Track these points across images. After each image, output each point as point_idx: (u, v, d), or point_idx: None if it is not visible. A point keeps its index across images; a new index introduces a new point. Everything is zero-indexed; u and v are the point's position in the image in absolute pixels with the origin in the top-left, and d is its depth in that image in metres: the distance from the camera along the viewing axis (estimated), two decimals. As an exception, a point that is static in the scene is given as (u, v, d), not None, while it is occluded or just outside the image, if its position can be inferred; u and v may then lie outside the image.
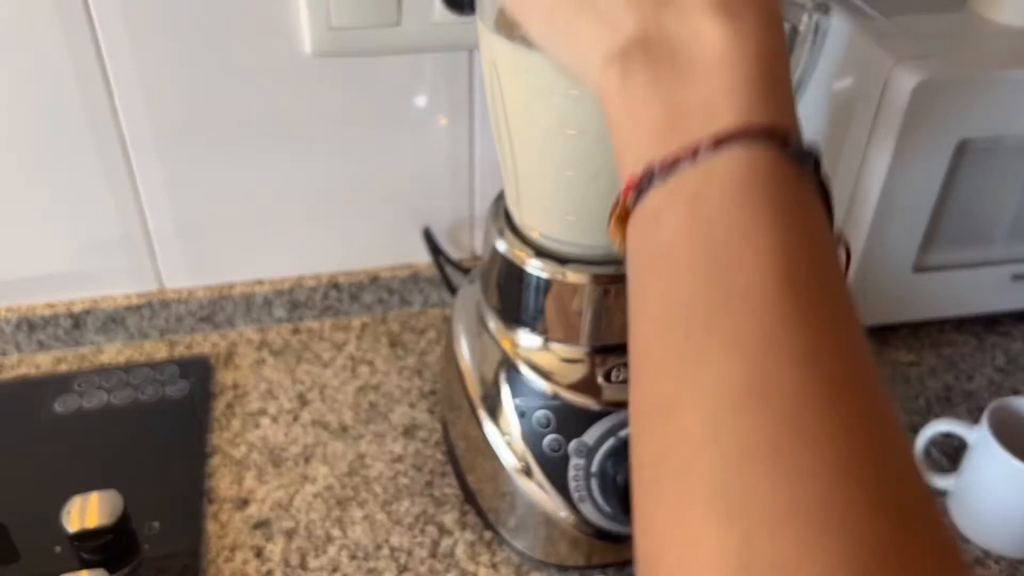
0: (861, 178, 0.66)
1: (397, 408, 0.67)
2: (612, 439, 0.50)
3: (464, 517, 0.58)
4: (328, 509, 0.59)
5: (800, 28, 0.45)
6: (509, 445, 0.52)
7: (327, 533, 0.57)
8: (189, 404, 0.66)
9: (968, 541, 0.58)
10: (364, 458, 0.63)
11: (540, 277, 0.50)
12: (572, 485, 0.51)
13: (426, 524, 0.58)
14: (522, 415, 0.51)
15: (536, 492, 0.52)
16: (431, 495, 0.60)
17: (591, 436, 0.50)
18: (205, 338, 0.73)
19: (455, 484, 0.60)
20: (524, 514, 0.53)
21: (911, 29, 0.62)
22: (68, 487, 0.55)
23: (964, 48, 0.62)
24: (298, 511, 0.59)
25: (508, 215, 0.53)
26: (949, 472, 0.60)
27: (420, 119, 0.68)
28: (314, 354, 0.72)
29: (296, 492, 0.60)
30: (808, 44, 0.45)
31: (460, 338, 0.57)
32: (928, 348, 0.74)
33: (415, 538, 0.57)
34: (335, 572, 0.55)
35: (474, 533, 0.57)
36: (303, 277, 0.74)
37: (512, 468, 0.52)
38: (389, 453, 0.63)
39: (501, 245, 0.51)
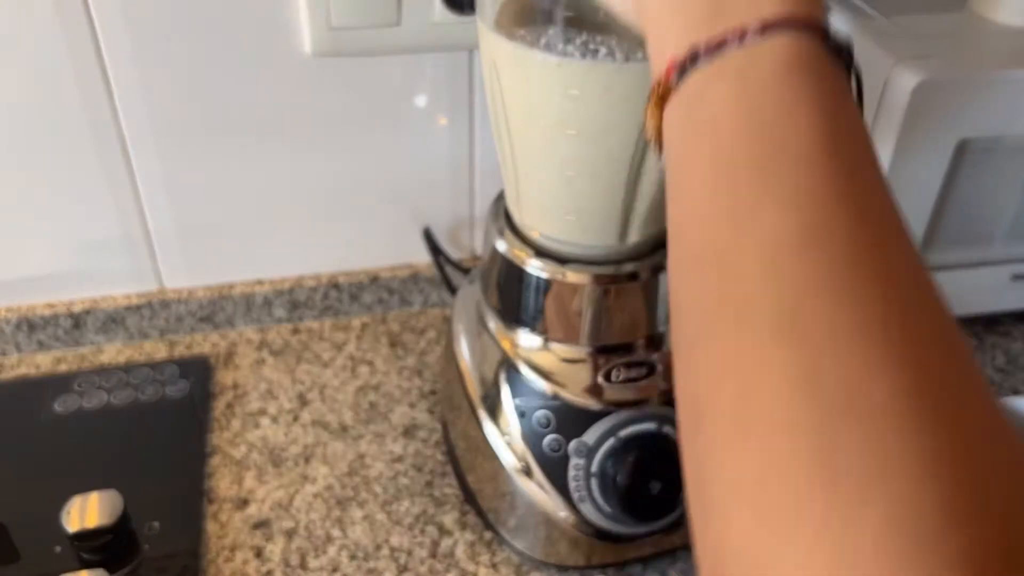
0: (861, 178, 0.66)
1: (397, 408, 0.67)
2: (612, 439, 0.50)
3: (464, 517, 0.58)
4: (328, 509, 0.59)
5: None
6: (509, 445, 0.52)
7: (327, 533, 0.57)
8: (189, 404, 0.66)
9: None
10: (364, 458, 0.63)
11: (540, 277, 0.50)
12: (572, 485, 0.51)
13: (426, 524, 0.58)
14: (522, 415, 0.51)
15: (536, 492, 0.52)
16: (431, 495, 0.60)
17: (591, 436, 0.50)
18: (205, 338, 0.73)
19: (455, 484, 0.60)
20: (524, 514, 0.53)
21: (911, 29, 0.62)
22: (68, 487, 0.55)
23: (964, 48, 0.62)
24: (298, 511, 0.59)
25: (508, 215, 0.53)
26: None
27: (420, 119, 0.68)
28: (314, 354, 0.72)
29: (296, 492, 0.60)
30: None
31: (460, 338, 0.57)
32: (928, 348, 0.74)
33: (415, 538, 0.57)
34: (335, 572, 0.55)
35: (474, 533, 0.57)
36: (303, 277, 0.74)
37: (512, 468, 0.52)
38: (389, 453, 0.63)
39: (501, 245, 0.51)
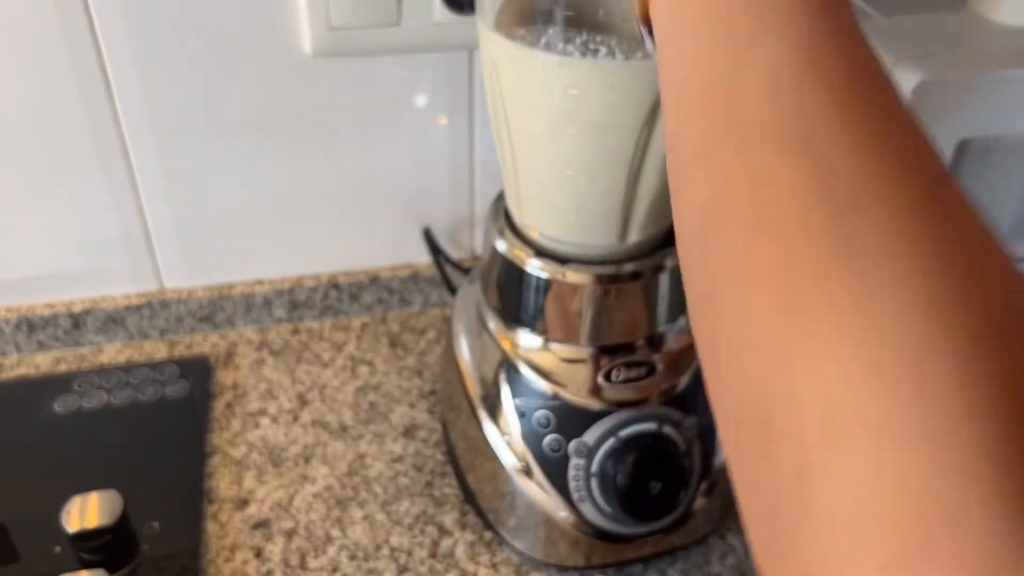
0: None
1: (397, 408, 0.67)
2: (612, 439, 0.50)
3: (464, 517, 0.58)
4: (328, 509, 0.59)
5: None
6: (509, 445, 0.52)
7: (327, 533, 0.57)
8: (189, 404, 0.66)
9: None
10: (364, 458, 0.63)
11: (540, 277, 0.50)
12: (572, 485, 0.51)
13: (426, 524, 0.58)
14: (522, 415, 0.51)
15: (536, 492, 0.52)
16: (431, 495, 0.60)
17: (591, 436, 0.50)
18: (205, 338, 0.73)
19: (455, 484, 0.60)
20: (524, 514, 0.53)
21: (911, 29, 0.62)
22: (68, 487, 0.55)
23: (964, 48, 0.62)
24: (298, 511, 0.59)
25: (508, 215, 0.53)
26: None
27: (420, 119, 0.68)
28: (314, 354, 0.72)
29: (296, 492, 0.60)
30: None
31: (460, 338, 0.57)
32: (928, 348, 0.74)
33: (415, 538, 0.57)
34: (335, 572, 0.55)
35: (474, 533, 0.57)
36: (303, 277, 0.74)
37: (512, 468, 0.52)
38: (389, 453, 0.63)
39: (501, 245, 0.51)
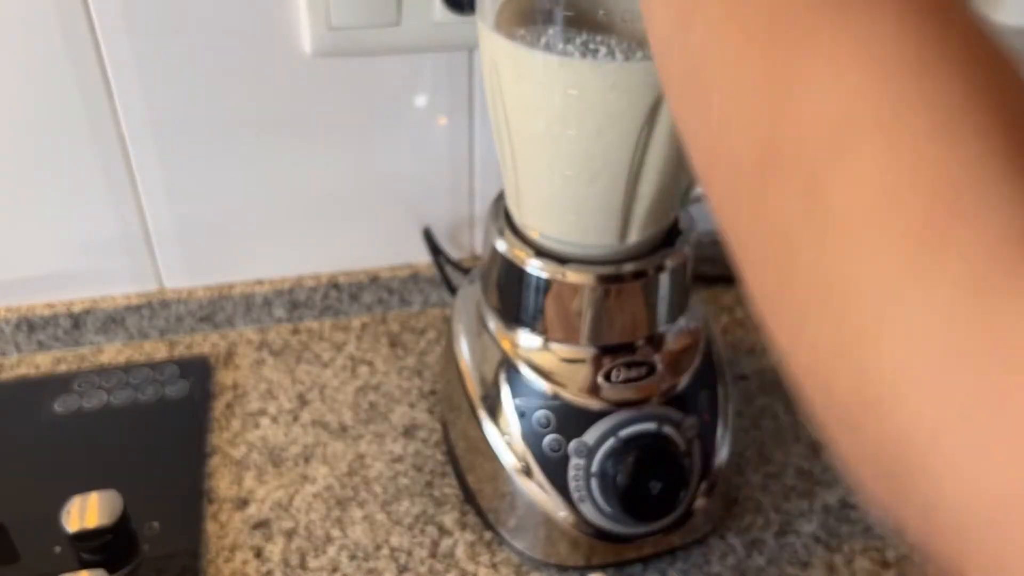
0: (861, 178, 0.66)
1: (397, 408, 0.67)
2: (612, 439, 0.50)
3: (464, 517, 0.58)
4: (328, 509, 0.59)
5: None
6: (509, 445, 0.52)
7: (327, 533, 0.57)
8: (189, 404, 0.66)
9: (968, 541, 0.58)
10: (364, 458, 0.63)
11: (540, 277, 0.50)
12: (572, 485, 0.51)
13: (426, 524, 0.58)
14: (522, 415, 0.51)
15: (536, 492, 0.52)
16: (431, 495, 0.60)
17: (591, 436, 0.50)
18: (205, 338, 0.73)
19: (455, 484, 0.60)
20: (524, 514, 0.53)
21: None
22: (68, 487, 0.55)
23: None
24: (298, 511, 0.59)
25: (508, 215, 0.53)
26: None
27: (420, 119, 0.68)
28: (314, 354, 0.72)
29: (296, 492, 0.60)
30: None
31: (460, 338, 0.57)
32: (928, 348, 0.74)
33: (415, 538, 0.57)
34: (335, 572, 0.55)
35: (474, 533, 0.57)
36: (303, 277, 0.74)
37: (512, 468, 0.52)
38: (389, 453, 0.63)
39: (501, 245, 0.51)
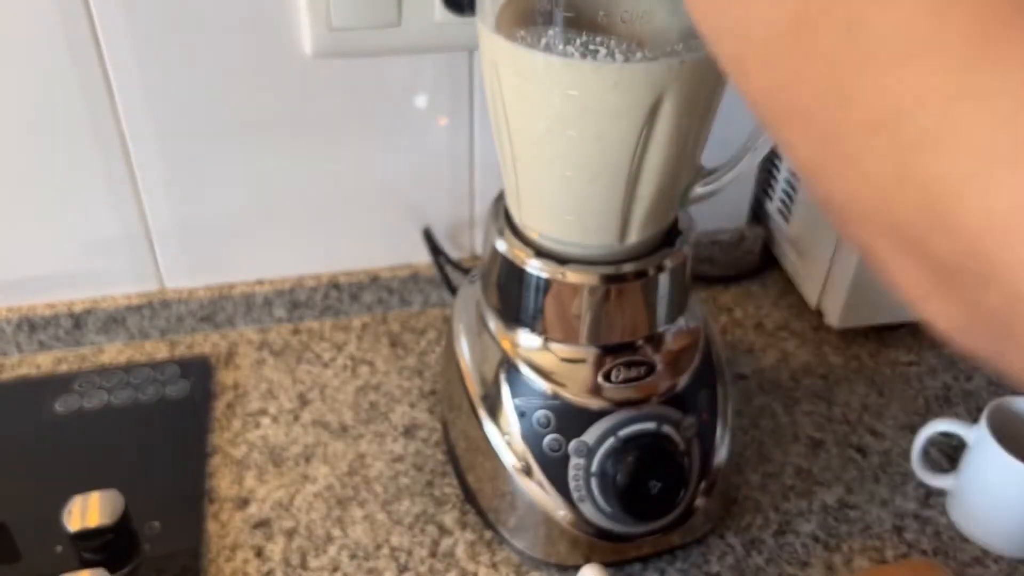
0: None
1: (397, 408, 0.67)
2: (612, 439, 0.50)
3: (464, 517, 0.59)
4: (328, 509, 0.59)
5: None
6: (509, 445, 0.52)
7: (327, 533, 0.57)
8: (190, 404, 0.66)
9: (967, 540, 0.58)
10: (364, 458, 0.63)
11: (540, 277, 0.50)
12: (572, 485, 0.51)
13: (426, 524, 0.58)
14: (522, 415, 0.52)
15: (536, 491, 0.52)
16: (431, 495, 0.60)
17: (591, 436, 0.51)
18: (206, 338, 0.73)
19: (455, 484, 0.60)
20: (524, 514, 0.53)
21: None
22: (69, 487, 0.55)
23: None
24: (298, 511, 0.59)
25: (508, 215, 0.53)
26: (948, 471, 0.60)
27: (420, 119, 0.68)
28: (314, 354, 0.72)
29: (296, 492, 0.60)
30: None
31: (460, 338, 0.57)
32: (927, 348, 0.74)
33: (415, 538, 0.57)
34: (335, 572, 0.55)
35: (474, 532, 0.58)
36: (303, 277, 0.74)
37: (512, 468, 0.52)
38: (389, 453, 0.63)
39: (501, 245, 0.52)
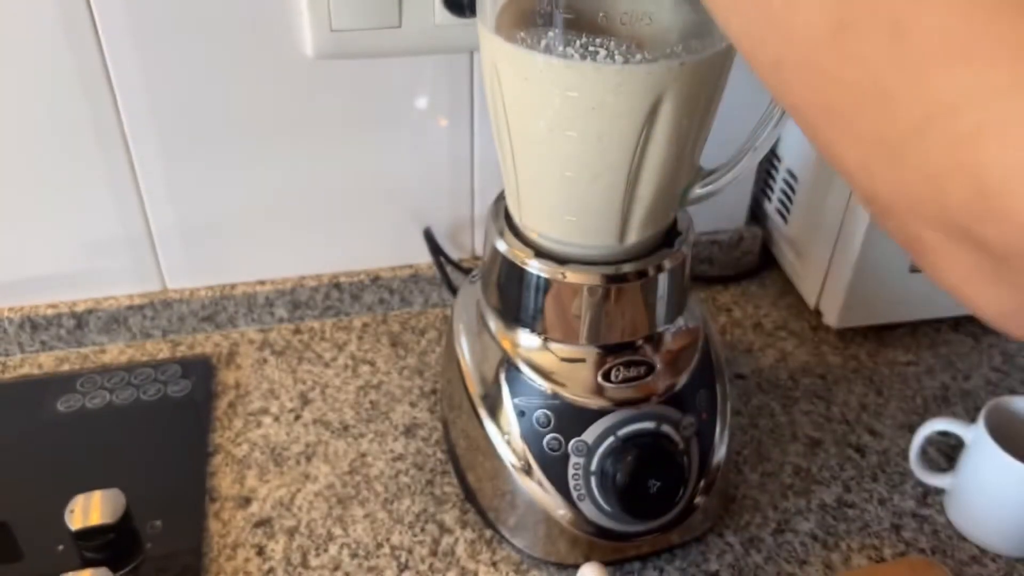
0: (859, 179, 0.66)
1: (398, 407, 0.67)
2: (611, 438, 0.51)
3: (464, 516, 0.59)
4: (329, 508, 0.59)
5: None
6: (509, 444, 0.52)
7: (328, 531, 0.58)
8: (191, 403, 0.66)
9: (965, 539, 0.58)
10: (365, 457, 0.63)
11: (540, 277, 0.50)
12: (572, 484, 0.51)
13: (427, 522, 0.58)
14: (522, 414, 0.52)
15: (536, 491, 0.52)
16: (432, 494, 0.60)
17: (590, 435, 0.51)
18: (207, 338, 0.73)
19: (455, 483, 0.61)
20: (524, 512, 0.54)
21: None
22: (71, 486, 0.55)
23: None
24: (299, 510, 0.59)
25: (508, 215, 0.53)
26: (946, 471, 0.60)
27: (421, 120, 0.68)
28: (315, 354, 0.72)
29: (298, 491, 0.60)
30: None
31: (460, 338, 0.57)
32: (926, 348, 0.74)
33: (416, 536, 0.58)
34: (336, 570, 0.55)
35: (474, 531, 0.58)
36: (304, 277, 0.74)
37: (512, 467, 0.52)
38: (390, 452, 0.63)
39: (501, 245, 0.52)
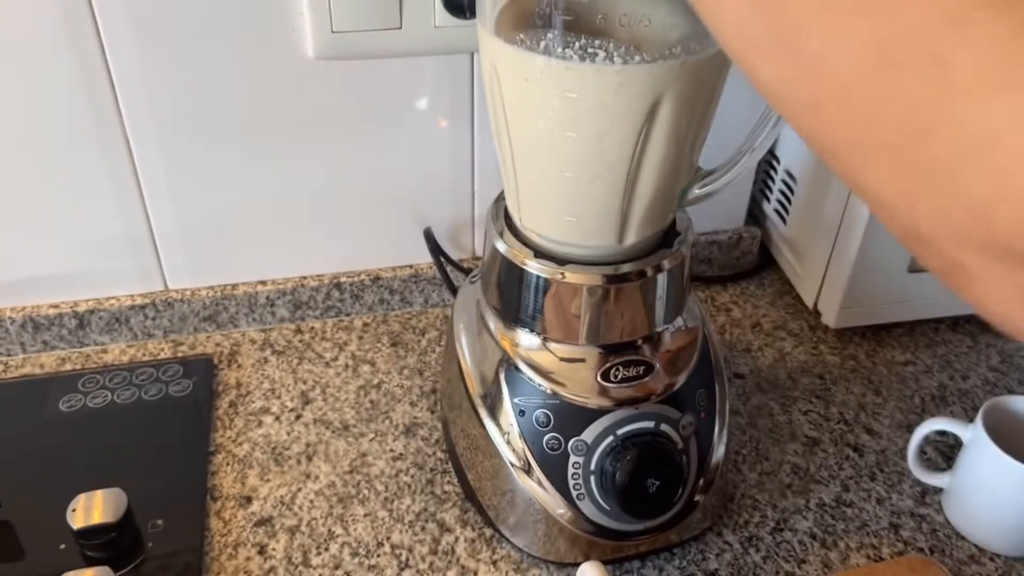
0: (857, 179, 0.66)
1: (398, 407, 0.67)
2: (611, 437, 0.51)
3: (464, 515, 0.59)
4: (330, 507, 0.60)
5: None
6: (509, 443, 0.53)
7: (329, 530, 0.58)
8: (192, 403, 0.67)
9: (963, 538, 0.58)
10: (366, 456, 0.63)
11: (539, 277, 0.50)
12: (571, 483, 0.52)
13: (427, 521, 0.59)
14: (522, 413, 0.52)
15: (536, 490, 0.52)
16: (432, 493, 0.61)
17: (590, 434, 0.51)
18: (208, 338, 0.74)
19: (455, 482, 0.61)
20: (524, 511, 0.54)
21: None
22: (73, 485, 0.56)
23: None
24: (300, 509, 0.59)
25: (508, 216, 0.53)
26: (944, 470, 0.60)
27: (421, 121, 0.68)
28: (316, 353, 0.73)
29: (298, 490, 0.61)
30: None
31: (461, 337, 0.57)
32: (924, 348, 0.75)
33: (416, 535, 0.58)
34: (337, 569, 0.56)
35: (474, 530, 0.58)
36: (305, 277, 0.74)
37: (512, 466, 0.53)
38: (390, 451, 0.64)
39: (501, 246, 0.52)
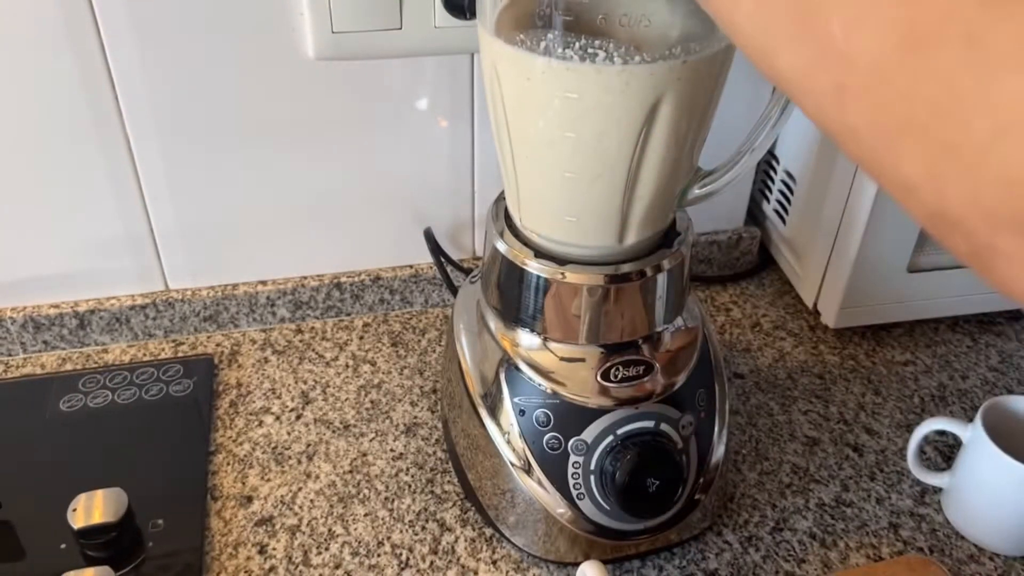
0: (857, 180, 0.67)
1: (398, 406, 0.68)
2: (610, 437, 0.51)
3: (465, 514, 0.59)
4: (330, 506, 0.60)
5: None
6: (509, 443, 0.53)
7: (329, 530, 0.58)
8: (193, 403, 0.67)
9: (962, 538, 0.59)
10: (366, 456, 0.63)
11: (540, 277, 0.50)
12: (571, 482, 0.52)
13: (427, 521, 0.59)
14: (522, 413, 0.52)
15: (536, 489, 0.52)
16: (432, 492, 0.61)
17: (590, 434, 0.51)
18: (209, 338, 0.74)
19: (456, 481, 0.61)
20: (524, 511, 0.54)
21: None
22: (73, 485, 0.56)
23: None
24: (301, 508, 0.59)
25: (508, 216, 0.54)
26: (943, 470, 0.61)
27: (421, 121, 0.69)
28: (317, 353, 0.73)
29: (299, 489, 0.61)
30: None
31: (461, 337, 0.57)
32: (923, 347, 0.75)
33: (416, 535, 0.58)
34: (337, 569, 0.56)
35: (474, 530, 0.58)
36: (306, 277, 0.74)
37: (512, 465, 0.53)
38: (391, 451, 0.64)
39: (501, 246, 0.52)
